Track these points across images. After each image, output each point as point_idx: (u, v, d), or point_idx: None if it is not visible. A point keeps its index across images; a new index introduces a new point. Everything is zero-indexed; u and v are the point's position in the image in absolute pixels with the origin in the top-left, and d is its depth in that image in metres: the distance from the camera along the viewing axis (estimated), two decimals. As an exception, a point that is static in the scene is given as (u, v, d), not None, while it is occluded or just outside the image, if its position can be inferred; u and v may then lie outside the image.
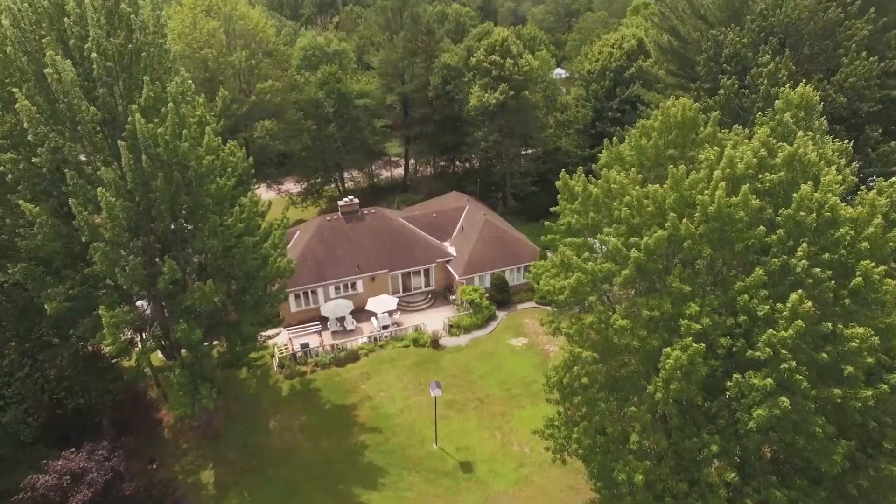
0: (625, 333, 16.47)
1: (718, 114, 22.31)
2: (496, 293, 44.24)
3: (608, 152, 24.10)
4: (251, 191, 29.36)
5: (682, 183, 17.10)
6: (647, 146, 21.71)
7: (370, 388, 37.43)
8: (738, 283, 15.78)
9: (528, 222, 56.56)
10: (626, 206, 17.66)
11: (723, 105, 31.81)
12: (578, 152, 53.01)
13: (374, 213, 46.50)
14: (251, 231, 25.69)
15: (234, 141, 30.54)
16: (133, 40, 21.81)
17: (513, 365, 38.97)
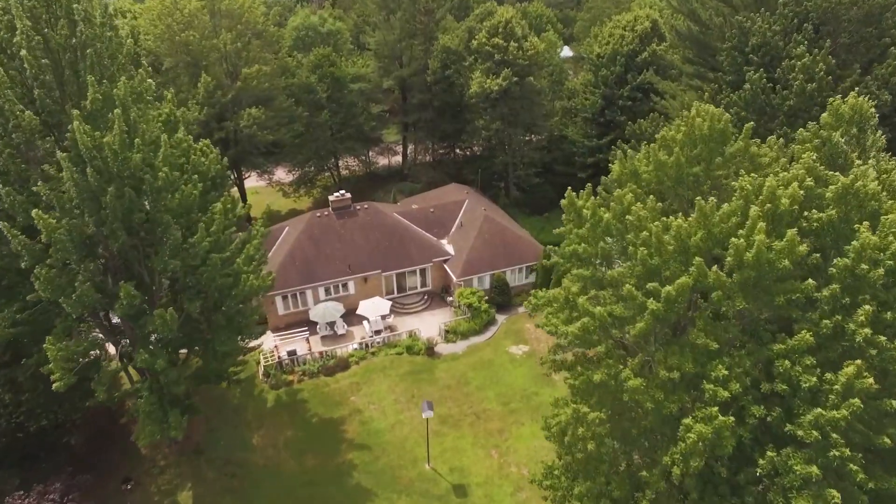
0: (638, 393, 13.99)
1: (752, 125, 19.30)
2: (496, 296, 41.74)
3: (621, 165, 21.19)
4: (225, 195, 26.64)
5: (712, 217, 14.37)
6: (668, 162, 18.83)
7: (360, 400, 35.25)
8: (778, 345, 13.20)
9: (532, 215, 53.79)
10: (642, 245, 15.00)
11: (748, 101, 28.64)
12: (586, 142, 49.86)
13: (366, 208, 43.78)
14: (221, 247, 23.11)
15: (206, 140, 27.77)
16: (77, 34, 18.95)
17: (512, 376, 36.67)
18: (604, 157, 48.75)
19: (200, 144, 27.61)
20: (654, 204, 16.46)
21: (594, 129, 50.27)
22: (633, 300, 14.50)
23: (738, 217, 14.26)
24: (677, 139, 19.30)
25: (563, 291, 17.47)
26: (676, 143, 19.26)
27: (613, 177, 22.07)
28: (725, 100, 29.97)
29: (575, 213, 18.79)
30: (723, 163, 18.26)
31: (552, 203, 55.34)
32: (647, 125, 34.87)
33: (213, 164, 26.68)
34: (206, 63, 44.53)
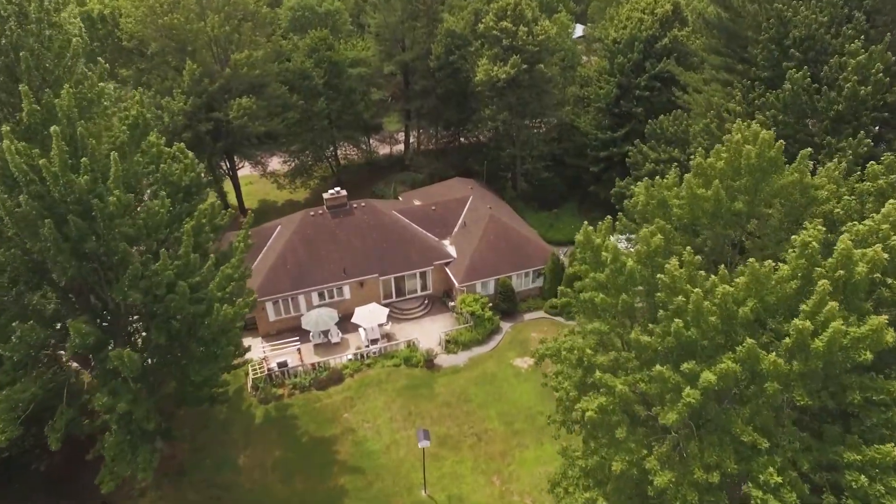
0: (666, 492, 11.54)
1: (808, 152, 16.26)
2: (501, 302, 39.20)
3: (647, 193, 18.26)
4: (199, 208, 24.00)
5: (766, 282, 11.66)
6: (707, 197, 15.90)
7: (354, 417, 33.09)
8: (850, 453, 10.60)
9: (540, 210, 50.93)
10: (676, 313, 12.32)
11: (787, 103, 25.43)
12: (599, 134, 46.61)
13: (363, 206, 41.08)
14: (190, 271, 20.58)
15: (179, 144, 25.05)
16: (6, 32, 16.18)
17: (516, 392, 34.32)
18: (618, 151, 45.69)
19: (174, 149, 24.88)
20: (692, 257, 13.71)
21: (608, 121, 46.97)
22: (664, 383, 11.95)
23: (798, 281, 11.58)
24: (717, 167, 16.36)
25: (575, 353, 14.83)
26: (716, 171, 16.34)
27: (638, 206, 19.14)
28: (759, 99, 26.79)
29: (591, 252, 16.06)
30: (771, 197, 15.43)
31: (562, 198, 52.55)
32: (668, 123, 31.76)
33: (187, 172, 23.97)
34: (192, 48, 41.48)
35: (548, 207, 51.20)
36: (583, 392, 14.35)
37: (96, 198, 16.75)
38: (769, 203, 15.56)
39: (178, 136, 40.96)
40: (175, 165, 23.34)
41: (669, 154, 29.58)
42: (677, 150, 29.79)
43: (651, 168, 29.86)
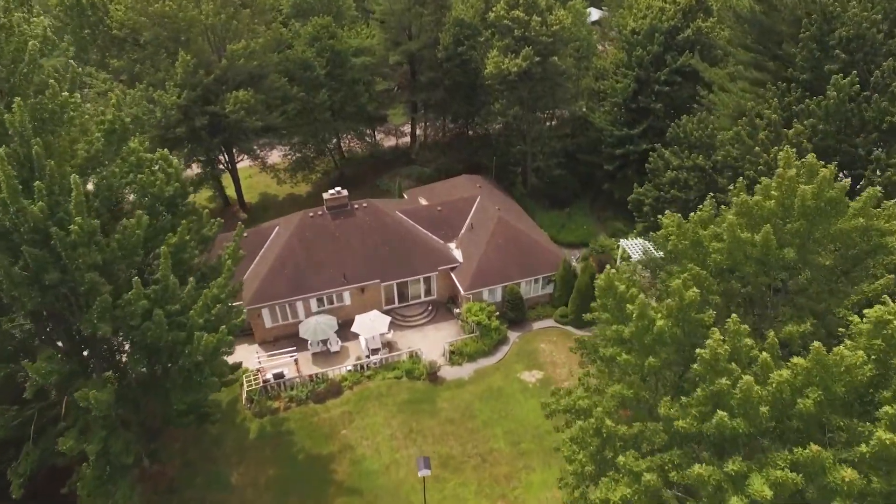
0: None
1: (876, 191, 13.96)
2: (509, 311, 37.28)
3: (678, 228, 16.10)
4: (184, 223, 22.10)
5: (836, 368, 9.65)
6: (752, 242, 13.76)
7: (352, 433, 31.51)
8: None
9: (551, 208, 48.72)
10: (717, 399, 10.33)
11: (830, 112, 22.98)
12: (614, 131, 44.15)
13: (365, 207, 39.07)
14: (168, 297, 18.77)
15: (163, 151, 23.09)
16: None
17: (524, 409, 32.56)
18: (634, 149, 43.29)
19: (157, 155, 22.92)
20: (738, 326, 11.60)
21: (625, 116, 44.48)
22: (703, 484, 10.05)
23: (871, 371, 9.57)
24: (766, 207, 14.15)
25: (592, 422, 12.90)
26: (763, 212, 14.16)
27: (668, 246, 16.95)
28: (797, 105, 24.33)
29: (614, 300, 14.05)
30: (826, 241, 13.31)
31: (575, 196, 50.23)
32: (692, 126, 29.40)
33: (171, 182, 22.04)
34: (186, 37, 39.28)
35: (559, 206, 48.98)
36: (601, 468, 12.53)
37: (56, 225, 14.94)
38: (822, 247, 13.41)
39: (172, 131, 39.11)
40: (155, 176, 21.38)
41: (693, 161, 27.29)
42: (702, 157, 27.45)
43: (673, 176, 27.60)
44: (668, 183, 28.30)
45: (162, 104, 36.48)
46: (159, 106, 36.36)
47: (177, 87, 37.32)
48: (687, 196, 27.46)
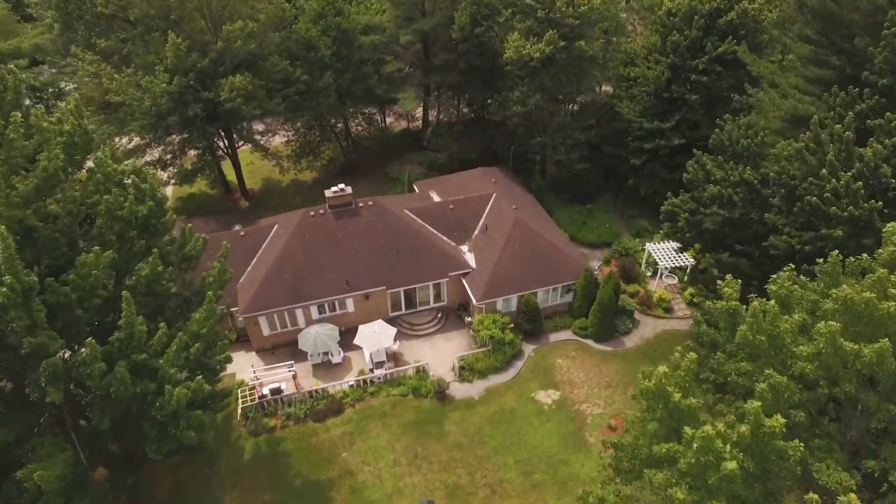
0: None
1: None
2: (524, 322, 34.58)
3: (754, 319, 12.98)
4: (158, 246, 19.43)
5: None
6: (859, 354, 10.68)
7: (353, 457, 29.36)
8: None
9: (571, 203, 45.47)
10: None
11: (912, 131, 19.60)
12: (644, 123, 40.49)
13: (371, 205, 36.15)
14: (136, 345, 16.24)
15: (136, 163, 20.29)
16: None
17: (538, 435, 30.15)
18: (665, 144, 39.68)
19: (129, 167, 20.11)
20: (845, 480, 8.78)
21: (655, 107, 40.73)
22: None
23: None
24: (884, 311, 10.83)
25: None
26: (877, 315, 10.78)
27: (736, 337, 13.88)
28: (874, 119, 20.76)
29: (665, 411, 11.19)
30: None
31: (597, 190, 46.80)
32: (739, 132, 25.81)
33: (144, 201, 19.29)
34: (178, 16, 35.94)
35: (580, 201, 45.66)
36: None
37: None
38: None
39: (164, 120, 36.23)
40: (125, 196, 18.63)
41: (740, 175, 23.89)
42: (749, 170, 24.02)
43: (716, 192, 24.27)
44: (711, 201, 25.01)
45: (151, 92, 33.47)
46: (148, 94, 33.36)
47: (167, 73, 34.21)
48: (731, 214, 24.23)
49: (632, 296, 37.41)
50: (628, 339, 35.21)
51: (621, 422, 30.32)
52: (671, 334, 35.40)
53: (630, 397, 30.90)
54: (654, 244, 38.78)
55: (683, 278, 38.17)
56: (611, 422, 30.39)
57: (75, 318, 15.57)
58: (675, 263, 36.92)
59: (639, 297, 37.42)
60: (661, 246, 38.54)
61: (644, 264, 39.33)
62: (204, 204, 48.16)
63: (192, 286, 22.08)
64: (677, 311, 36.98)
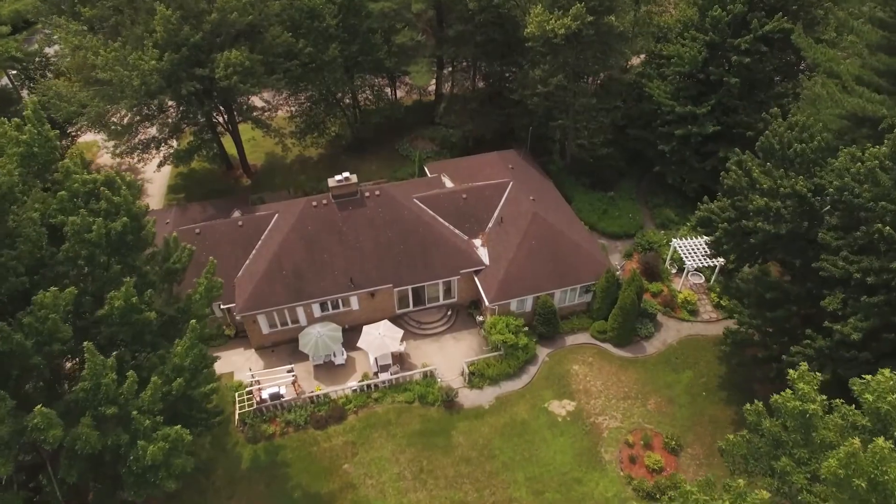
0: None
1: None
2: (539, 325, 32.45)
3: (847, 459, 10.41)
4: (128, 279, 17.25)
5: None
6: None
7: (355, 469, 27.91)
8: None
9: (592, 189, 42.54)
10: None
11: None
12: (675, 106, 37.10)
13: (378, 195, 33.64)
14: (103, 398, 14.29)
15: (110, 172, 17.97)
16: None
17: (551, 450, 28.43)
18: (697, 132, 36.46)
19: (101, 177, 17.78)
20: None
21: (689, 89, 37.31)
22: None
23: None
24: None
25: None
26: None
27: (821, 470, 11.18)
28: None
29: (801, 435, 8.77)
30: None
31: (620, 175, 43.75)
32: (792, 135, 22.44)
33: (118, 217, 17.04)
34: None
35: (602, 186, 42.72)
36: None
37: None
38: None
39: (155, 99, 33.60)
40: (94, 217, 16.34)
41: (791, 186, 20.89)
42: (801, 180, 21.03)
43: (762, 204, 21.33)
44: (757, 214, 22.20)
45: (140, 70, 30.72)
46: (137, 72, 30.61)
47: (157, 49, 31.35)
48: (777, 230, 21.50)
49: (654, 295, 35.05)
50: (649, 343, 33.05)
51: (639, 437, 28.61)
52: (695, 340, 33.18)
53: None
54: (680, 240, 36.12)
55: (711, 277, 35.61)
56: (628, 437, 28.56)
57: (31, 366, 13.67)
58: (704, 263, 34.34)
59: (662, 297, 35.07)
60: (689, 242, 35.88)
61: (669, 260, 36.76)
62: (204, 181, 45.80)
63: (178, 303, 20.03)
64: (703, 313, 34.63)
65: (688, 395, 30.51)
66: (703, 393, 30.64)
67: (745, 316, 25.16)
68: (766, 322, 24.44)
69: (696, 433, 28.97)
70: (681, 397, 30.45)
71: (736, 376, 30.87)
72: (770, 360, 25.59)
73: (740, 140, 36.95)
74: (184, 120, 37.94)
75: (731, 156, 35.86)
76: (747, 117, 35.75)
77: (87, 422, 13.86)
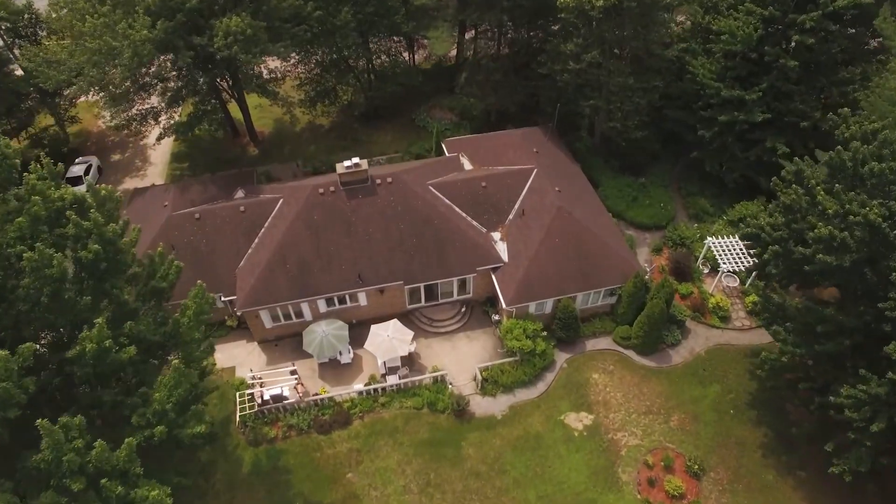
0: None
1: None
2: (559, 329, 30.38)
3: None
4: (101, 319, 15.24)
5: None
6: None
7: (359, 478, 26.73)
8: None
9: (621, 173, 39.42)
10: None
11: None
12: (722, 89, 33.41)
13: (390, 183, 31.08)
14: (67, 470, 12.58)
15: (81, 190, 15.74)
16: None
17: (565, 467, 26.91)
18: (744, 119, 32.97)
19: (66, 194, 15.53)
20: None
21: (738, 69, 33.53)
22: None
23: None
24: None
25: None
26: None
27: None
28: None
29: None
30: None
31: (653, 159, 40.36)
32: (870, 149, 18.97)
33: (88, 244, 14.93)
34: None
35: (632, 170, 39.56)
36: None
37: None
38: None
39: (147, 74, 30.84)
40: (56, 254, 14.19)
41: (864, 215, 17.82)
42: (876, 207, 17.94)
43: (826, 234, 18.24)
44: (814, 240, 19.32)
45: (131, 40, 27.83)
46: (128, 43, 27.74)
47: (149, 16, 28.32)
48: (840, 261, 18.72)
49: (683, 297, 32.63)
50: (675, 352, 30.93)
51: (660, 458, 26.95)
52: (725, 350, 30.97)
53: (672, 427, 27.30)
54: (715, 238, 33.31)
55: (746, 280, 32.98)
56: (648, 458, 26.91)
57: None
58: (740, 267, 31.66)
59: (691, 300, 32.65)
60: (724, 241, 33.07)
61: (701, 259, 34.09)
62: (209, 150, 43.33)
63: (165, 327, 18.13)
64: (735, 320, 32.24)
65: (714, 413, 28.58)
66: (731, 411, 28.68)
67: (787, 344, 22.77)
68: (813, 353, 22.09)
69: (720, 456, 27.21)
70: (706, 414, 28.54)
71: (767, 395, 28.81)
72: (811, 391, 23.41)
73: (792, 129, 33.50)
74: (185, 88, 35.12)
75: (779, 146, 33.02)
76: (803, 105, 32.14)
77: (49, 497, 12.28)
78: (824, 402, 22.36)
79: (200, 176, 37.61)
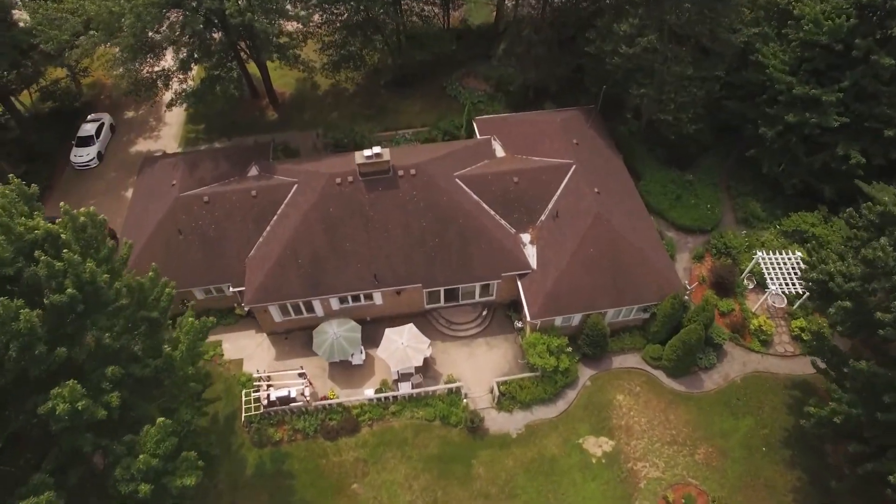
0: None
1: None
2: (585, 345, 28.35)
3: None
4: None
5: None
6: None
7: (365, 491, 25.80)
8: None
9: (667, 165, 36.05)
10: None
11: None
12: (795, 85, 29.48)
13: (413, 175, 28.53)
14: None
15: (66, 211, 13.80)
16: None
17: (579, 495, 25.55)
18: (817, 122, 29.22)
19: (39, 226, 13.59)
20: None
21: (814, 60, 29.47)
22: None
23: None
24: None
25: None
26: None
27: None
28: None
29: None
30: None
31: (705, 153, 36.65)
32: None
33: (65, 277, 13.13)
34: None
35: (678, 163, 36.14)
36: None
37: None
38: None
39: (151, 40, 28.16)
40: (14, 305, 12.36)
41: None
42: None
43: None
44: (884, 289, 16.67)
45: (133, 3, 25.06)
46: (130, 9, 24.99)
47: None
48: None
49: (723, 314, 30.13)
50: (708, 376, 28.78)
51: (681, 495, 25.36)
52: (763, 378, 28.69)
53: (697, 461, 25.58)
54: (766, 254, 30.34)
55: (795, 301, 30.23)
56: (668, 493, 25.34)
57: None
58: (792, 290, 28.86)
59: (731, 318, 30.17)
60: (776, 257, 30.12)
61: (747, 273, 31.27)
62: (225, 112, 40.64)
63: (157, 361, 16.53)
64: (777, 344, 29.75)
65: (744, 449, 26.66)
66: (763, 448, 26.72)
67: (843, 404, 20.44)
68: (872, 419, 19.79)
69: (746, 497, 25.49)
70: (735, 450, 26.64)
71: (806, 434, 26.62)
72: (863, 456, 21.25)
73: (870, 135, 29.65)
74: (196, 51, 32.33)
75: (854, 154, 29.34)
76: (890, 109, 28.17)
77: None
78: (878, 468, 20.20)
79: (213, 145, 35.42)
